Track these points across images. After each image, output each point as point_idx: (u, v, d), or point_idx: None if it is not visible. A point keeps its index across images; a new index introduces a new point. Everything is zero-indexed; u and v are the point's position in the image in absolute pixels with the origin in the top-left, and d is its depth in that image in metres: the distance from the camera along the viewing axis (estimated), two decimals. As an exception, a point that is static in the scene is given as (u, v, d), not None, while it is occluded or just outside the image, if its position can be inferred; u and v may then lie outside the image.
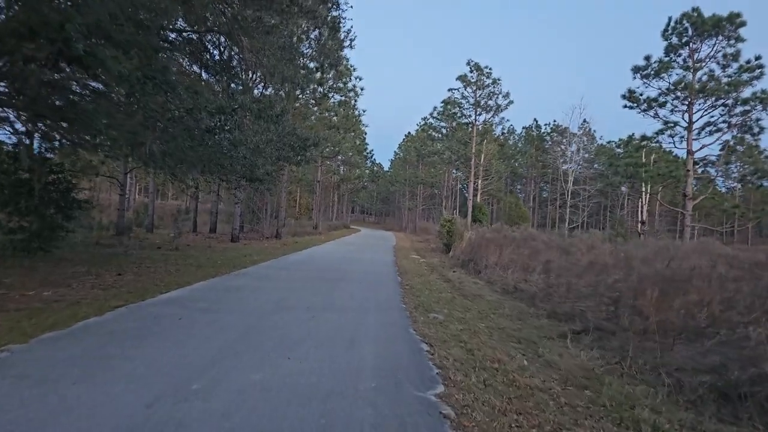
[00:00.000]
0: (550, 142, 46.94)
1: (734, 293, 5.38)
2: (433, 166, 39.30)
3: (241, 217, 23.06)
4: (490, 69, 25.35)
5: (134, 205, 32.42)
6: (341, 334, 4.43)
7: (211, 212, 24.86)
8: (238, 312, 5.13)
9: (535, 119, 55.52)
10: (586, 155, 34.94)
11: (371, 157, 51.25)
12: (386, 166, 63.04)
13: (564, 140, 36.62)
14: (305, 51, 9.54)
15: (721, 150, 18.53)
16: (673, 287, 5.13)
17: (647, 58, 15.23)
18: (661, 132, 15.40)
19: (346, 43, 9.61)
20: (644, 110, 15.94)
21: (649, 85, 15.41)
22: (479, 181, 29.59)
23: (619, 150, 34.27)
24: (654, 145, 17.36)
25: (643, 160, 18.52)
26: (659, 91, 15.30)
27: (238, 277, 8.02)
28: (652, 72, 15.19)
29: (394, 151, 59.09)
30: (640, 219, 24.38)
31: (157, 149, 5.79)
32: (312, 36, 9.53)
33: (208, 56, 7.75)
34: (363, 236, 29.86)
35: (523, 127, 52.27)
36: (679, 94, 15.16)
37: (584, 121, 33.45)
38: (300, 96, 17.42)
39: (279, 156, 9.86)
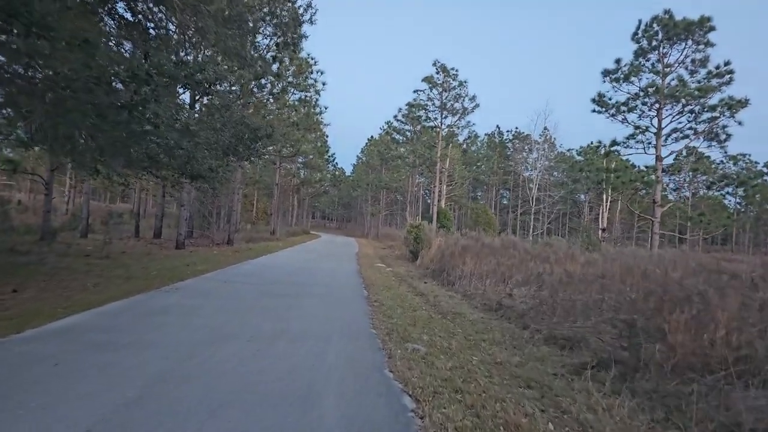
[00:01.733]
0: (512, 150, 47.55)
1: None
2: (396, 170, 38.43)
3: (189, 222, 20.87)
4: (456, 71, 24.81)
5: (74, 207, 29.40)
6: (293, 382, 3.14)
7: (156, 215, 22.47)
8: (154, 348, 3.71)
9: (497, 126, 56.23)
10: (547, 163, 35.37)
11: (333, 160, 49.73)
12: (348, 171, 61.66)
13: (526, 147, 37.00)
14: (259, 27, 8.14)
15: (675, 159, 18.80)
16: (702, 309, 4.24)
17: (617, 61, 15.08)
18: (631, 137, 15.25)
19: (306, 17, 8.31)
20: (612, 115, 15.76)
21: (618, 89, 15.25)
22: (443, 187, 28.97)
23: (579, 158, 35.04)
24: (614, 153, 17.33)
25: (605, 166, 18.50)
26: (628, 95, 15.16)
27: (169, 294, 6.49)
28: (622, 76, 15.02)
29: (357, 156, 57.90)
30: (601, 226, 24.65)
31: (48, 125, 4.21)
32: (268, 13, 8.15)
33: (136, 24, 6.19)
34: (324, 242, 28.32)
35: (486, 134, 52.78)
36: (647, 99, 15.07)
37: (545, 128, 33.87)
38: (255, 90, 15.82)
39: (227, 149, 8.36)
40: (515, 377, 3.76)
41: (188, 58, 5.23)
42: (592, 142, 21.67)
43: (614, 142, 15.69)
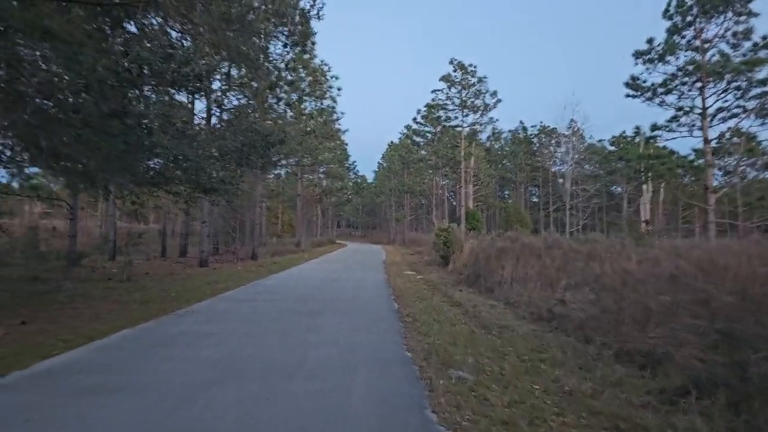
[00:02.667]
0: (538, 145, 45.86)
1: None
2: (419, 173, 37.63)
3: (213, 238, 20.82)
4: (474, 67, 23.92)
5: (106, 231, 30.15)
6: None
7: (181, 234, 22.62)
8: (145, 392, 3.14)
9: (521, 121, 54.44)
10: (577, 156, 33.68)
11: (354, 168, 49.52)
12: (370, 178, 61.37)
13: (553, 141, 35.44)
14: (267, 29, 7.71)
15: (718, 142, 17.19)
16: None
17: (650, 41, 13.84)
18: (674, 119, 13.93)
19: (313, 12, 7.82)
20: (649, 98, 14.50)
21: (653, 70, 14.01)
22: (470, 187, 27.97)
23: (611, 148, 33.20)
24: (655, 138, 15.95)
25: (646, 153, 17.12)
26: (665, 76, 13.88)
27: (183, 318, 6.01)
28: (657, 56, 13.79)
29: (378, 162, 57.60)
30: (643, 218, 23.01)
31: (28, 137, 3.76)
32: (272, 12, 7.70)
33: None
34: (350, 251, 27.81)
35: (509, 130, 51.12)
36: (686, 79, 13.77)
37: (572, 120, 32.26)
38: (272, 100, 15.54)
39: (239, 159, 7.91)
40: (594, 413, 2.95)
41: (175, 52, 4.74)
42: (624, 131, 20.23)
43: (655, 126, 14.37)
